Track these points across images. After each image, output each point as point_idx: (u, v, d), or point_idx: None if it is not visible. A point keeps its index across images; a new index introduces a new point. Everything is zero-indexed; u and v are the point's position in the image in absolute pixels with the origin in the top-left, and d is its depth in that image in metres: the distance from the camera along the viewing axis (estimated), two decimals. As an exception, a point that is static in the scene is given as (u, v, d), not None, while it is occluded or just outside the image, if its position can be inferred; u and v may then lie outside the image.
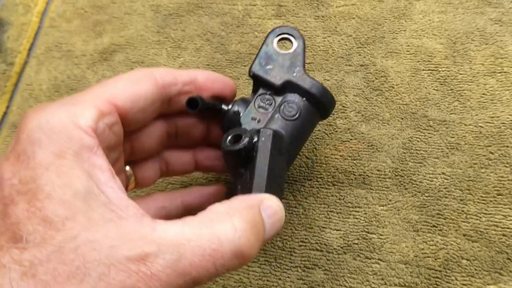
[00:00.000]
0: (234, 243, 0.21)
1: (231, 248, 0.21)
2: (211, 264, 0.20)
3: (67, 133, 0.22)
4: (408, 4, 0.43)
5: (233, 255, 0.21)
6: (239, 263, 0.21)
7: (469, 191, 0.35)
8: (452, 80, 0.39)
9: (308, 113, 0.31)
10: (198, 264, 0.20)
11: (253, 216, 0.23)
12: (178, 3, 0.49)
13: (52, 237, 0.19)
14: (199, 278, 0.20)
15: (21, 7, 0.52)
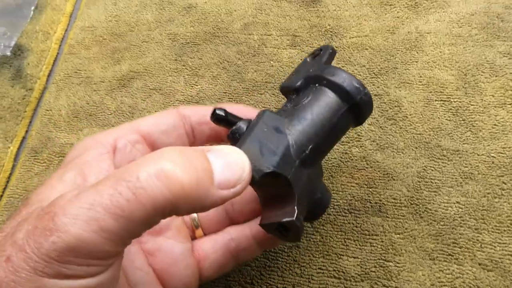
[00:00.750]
0: (153, 165, 0.19)
1: (149, 170, 0.19)
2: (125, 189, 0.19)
3: (85, 145, 0.27)
4: (419, 36, 0.45)
5: (152, 176, 0.19)
6: (166, 188, 0.19)
7: (483, 221, 0.36)
8: (464, 111, 0.40)
9: (325, 99, 0.28)
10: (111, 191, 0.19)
11: (188, 150, 0.21)
12: (195, 32, 0.50)
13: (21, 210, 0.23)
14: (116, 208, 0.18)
15: (40, 34, 0.54)
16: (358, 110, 0.28)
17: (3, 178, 0.45)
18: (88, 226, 0.18)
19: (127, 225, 0.19)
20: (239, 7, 0.51)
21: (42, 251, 0.18)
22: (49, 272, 0.18)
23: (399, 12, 0.47)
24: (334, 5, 0.49)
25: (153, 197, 0.19)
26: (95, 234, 0.18)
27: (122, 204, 0.18)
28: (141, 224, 0.19)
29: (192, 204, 0.20)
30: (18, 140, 0.47)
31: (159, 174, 0.19)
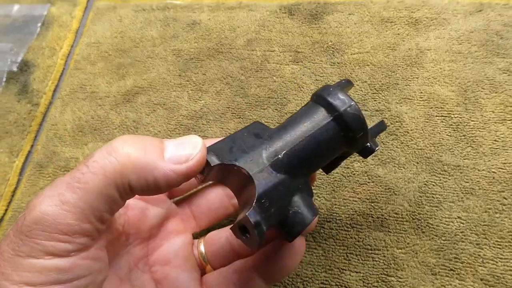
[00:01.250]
0: (107, 144, 0.22)
1: (104, 146, 0.22)
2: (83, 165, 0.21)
3: None
4: (419, 53, 0.46)
5: (103, 151, 0.22)
6: (115, 158, 0.21)
7: (484, 236, 0.36)
8: (464, 127, 0.41)
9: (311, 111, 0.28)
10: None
11: (141, 136, 0.23)
12: (198, 48, 0.51)
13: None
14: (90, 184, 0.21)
15: (47, 50, 0.55)
16: (343, 123, 0.27)
17: (8, 192, 0.45)
18: (51, 201, 0.20)
19: (84, 196, 0.21)
20: (242, 24, 0.52)
21: (16, 229, 0.21)
22: (24, 251, 0.20)
23: (399, 29, 0.48)
24: (336, 22, 0.50)
25: (104, 167, 0.21)
26: (57, 207, 0.20)
27: (78, 178, 0.21)
28: (98, 195, 0.21)
29: (141, 175, 0.21)
30: (24, 155, 0.48)
31: (109, 149, 0.21)
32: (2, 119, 0.50)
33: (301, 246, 0.28)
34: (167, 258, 0.30)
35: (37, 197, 0.21)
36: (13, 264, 0.20)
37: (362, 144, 0.28)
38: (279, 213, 0.25)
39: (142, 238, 0.30)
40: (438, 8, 0.48)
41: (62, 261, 0.21)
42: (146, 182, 0.22)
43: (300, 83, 0.46)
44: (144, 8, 0.56)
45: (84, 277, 0.22)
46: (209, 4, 0.54)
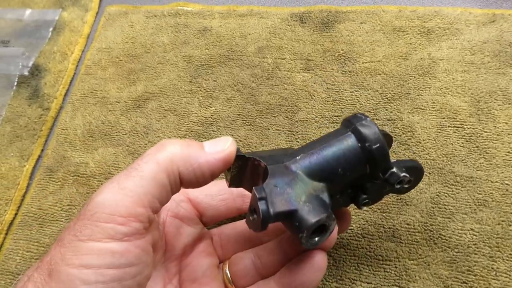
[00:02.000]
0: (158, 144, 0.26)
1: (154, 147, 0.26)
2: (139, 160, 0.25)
3: None
4: (432, 63, 0.45)
5: (155, 148, 0.26)
6: (164, 149, 0.26)
7: (498, 248, 0.35)
8: (477, 138, 0.41)
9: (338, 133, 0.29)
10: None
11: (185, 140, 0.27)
12: (209, 55, 0.51)
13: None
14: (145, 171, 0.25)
15: (58, 55, 0.55)
16: (371, 156, 0.28)
17: (18, 196, 0.45)
18: (110, 188, 0.24)
19: (140, 182, 0.24)
20: (254, 31, 0.52)
21: (78, 218, 0.24)
22: (86, 234, 0.23)
23: (411, 38, 0.48)
24: (347, 31, 0.49)
25: (156, 157, 0.25)
26: (116, 192, 0.24)
27: (135, 168, 0.25)
28: (151, 181, 0.24)
29: (188, 161, 0.26)
30: (34, 159, 0.48)
31: (158, 147, 0.26)
32: (13, 123, 0.50)
33: (323, 261, 0.28)
34: (196, 276, 0.31)
35: (97, 191, 0.25)
36: (73, 249, 0.22)
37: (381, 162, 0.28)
38: (287, 203, 0.26)
39: (176, 255, 0.31)
40: (450, 18, 0.48)
41: (117, 245, 0.23)
42: (192, 169, 0.26)
43: (311, 91, 0.46)
44: (156, 14, 0.56)
45: (133, 266, 0.24)
46: (220, 11, 0.54)
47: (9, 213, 0.44)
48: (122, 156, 0.46)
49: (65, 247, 0.23)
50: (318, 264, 0.28)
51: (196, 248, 0.32)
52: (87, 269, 0.22)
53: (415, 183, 0.31)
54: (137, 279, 0.24)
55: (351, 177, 0.28)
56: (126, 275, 0.23)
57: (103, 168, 0.45)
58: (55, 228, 0.42)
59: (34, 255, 0.41)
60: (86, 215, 0.23)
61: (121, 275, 0.23)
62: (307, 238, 0.26)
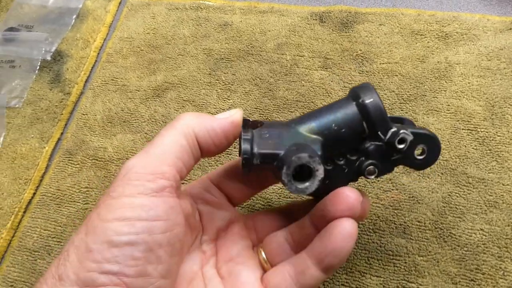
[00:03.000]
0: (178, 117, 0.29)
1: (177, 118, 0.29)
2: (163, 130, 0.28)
3: None
4: (448, 67, 0.46)
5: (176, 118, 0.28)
6: (182, 117, 0.28)
7: (506, 249, 0.36)
8: (490, 141, 0.41)
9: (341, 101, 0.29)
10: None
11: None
12: (229, 49, 0.52)
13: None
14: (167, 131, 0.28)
15: (81, 42, 0.56)
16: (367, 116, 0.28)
17: (37, 176, 0.46)
18: (139, 154, 0.27)
19: (161, 146, 0.27)
20: (273, 28, 0.53)
21: (111, 183, 0.26)
22: (119, 191, 0.25)
23: (429, 42, 0.48)
24: (366, 32, 0.50)
25: (173, 124, 0.28)
26: (143, 155, 0.27)
27: (157, 139, 0.27)
28: (171, 143, 0.27)
29: (203, 125, 0.28)
30: (54, 141, 0.49)
31: (175, 118, 0.29)
32: (34, 106, 0.51)
33: (351, 227, 0.28)
34: (231, 255, 0.31)
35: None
36: (107, 207, 0.25)
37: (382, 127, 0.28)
38: (273, 146, 0.28)
39: (211, 239, 0.32)
40: (468, 23, 0.49)
41: (146, 199, 0.25)
42: (206, 130, 0.28)
43: (328, 89, 0.47)
44: (178, 7, 0.57)
45: (162, 220, 0.25)
46: (241, 7, 0.55)
47: (28, 192, 0.46)
48: (140, 142, 0.47)
49: (100, 207, 0.25)
50: (346, 230, 0.27)
51: (230, 230, 0.33)
52: (120, 221, 0.24)
53: (431, 155, 0.29)
54: (167, 236, 0.25)
55: (347, 135, 0.28)
56: (155, 228, 0.25)
57: (121, 154, 0.46)
58: (72, 208, 0.43)
59: (51, 234, 0.42)
60: (119, 177, 0.26)
61: (150, 227, 0.25)
62: (289, 177, 0.26)
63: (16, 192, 0.46)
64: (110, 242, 0.24)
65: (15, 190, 0.46)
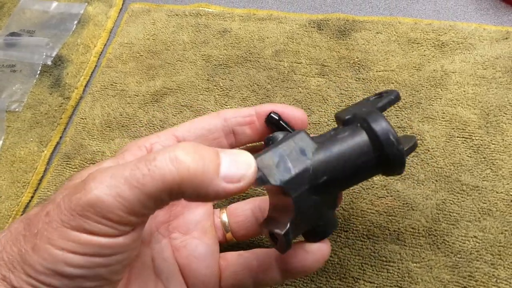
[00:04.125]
0: (170, 151, 0.23)
1: (165, 154, 0.23)
2: (143, 165, 0.22)
3: (127, 147, 0.30)
4: (444, 75, 0.47)
5: (166, 158, 0.22)
6: (175, 168, 0.22)
7: (499, 256, 0.36)
8: (485, 149, 0.42)
9: (361, 149, 0.28)
10: (131, 166, 0.23)
11: (200, 146, 0.24)
12: (228, 55, 0.52)
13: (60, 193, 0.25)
14: (133, 179, 0.22)
15: (81, 47, 0.57)
16: (387, 163, 0.28)
17: (35, 180, 0.47)
18: (108, 190, 0.22)
19: (139, 195, 0.22)
20: (272, 35, 0.53)
21: (70, 206, 0.22)
22: (73, 224, 0.22)
23: (425, 50, 0.49)
24: (363, 40, 0.51)
25: (163, 175, 0.22)
26: (112, 197, 0.22)
27: (138, 177, 0.22)
28: (151, 198, 0.22)
29: (196, 189, 0.23)
30: (52, 145, 0.49)
31: (171, 158, 0.22)
32: (34, 110, 0.52)
33: (326, 250, 0.29)
34: (188, 227, 0.31)
35: (94, 180, 0.23)
36: (60, 233, 0.22)
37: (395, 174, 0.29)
38: (306, 226, 0.29)
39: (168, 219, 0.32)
40: (465, 33, 0.49)
41: (105, 240, 0.23)
42: (197, 194, 0.23)
43: (325, 96, 0.47)
44: (177, 13, 0.58)
45: (121, 253, 0.23)
46: (240, 14, 0.56)
47: (26, 195, 0.46)
48: (138, 147, 0.47)
49: (53, 228, 0.22)
50: (322, 251, 0.29)
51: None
52: (72, 254, 0.22)
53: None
54: (124, 263, 0.24)
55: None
56: (113, 261, 0.23)
57: (119, 158, 0.47)
58: (70, 212, 0.44)
59: (48, 237, 0.42)
60: (77, 209, 0.22)
61: (107, 262, 0.23)
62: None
63: (14, 195, 0.46)
64: (60, 273, 0.22)
65: (13, 193, 0.46)
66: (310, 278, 0.37)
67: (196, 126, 0.31)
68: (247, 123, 0.32)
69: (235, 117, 0.32)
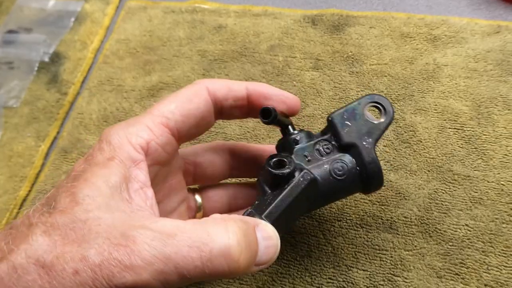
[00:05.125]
0: (223, 241, 0.22)
1: (220, 246, 0.22)
2: (197, 257, 0.22)
3: (121, 146, 0.27)
4: (436, 68, 0.47)
5: (220, 253, 0.22)
6: (227, 266, 0.22)
7: (490, 244, 0.37)
8: (476, 140, 0.42)
9: (353, 181, 0.31)
10: (185, 253, 0.22)
11: (247, 229, 0.24)
12: (223, 50, 0.53)
13: (72, 208, 0.23)
14: (184, 269, 0.22)
15: (78, 44, 0.57)
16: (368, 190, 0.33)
17: (33, 174, 0.47)
18: (157, 276, 0.21)
19: (184, 282, 0.22)
20: (267, 30, 0.54)
21: (114, 282, 0.21)
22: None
23: (418, 44, 0.50)
24: (357, 34, 0.51)
25: (215, 270, 0.22)
26: (160, 283, 0.22)
27: (189, 269, 0.22)
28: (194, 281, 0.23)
29: (234, 275, 0.24)
30: (50, 140, 0.50)
31: (225, 253, 0.22)
32: (31, 106, 0.52)
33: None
34: (166, 214, 0.32)
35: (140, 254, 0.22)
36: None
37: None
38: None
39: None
40: (457, 27, 0.50)
41: None
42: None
43: (319, 89, 0.48)
44: (173, 10, 0.58)
45: None
46: (236, 10, 0.57)
47: (23, 189, 0.46)
48: (134, 141, 0.47)
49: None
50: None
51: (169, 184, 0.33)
52: None
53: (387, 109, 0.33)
54: None
55: None
56: None
57: (116, 151, 0.47)
58: (67, 204, 0.44)
59: (45, 229, 0.43)
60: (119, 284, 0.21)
61: None
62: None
63: (11, 190, 0.46)
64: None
65: (10, 187, 0.47)
66: (304, 267, 0.38)
67: (187, 113, 0.30)
68: (238, 106, 0.32)
69: (227, 99, 0.31)
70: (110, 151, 0.27)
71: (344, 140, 0.31)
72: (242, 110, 0.32)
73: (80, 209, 0.23)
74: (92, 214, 0.23)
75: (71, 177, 0.25)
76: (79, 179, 0.25)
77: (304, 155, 0.31)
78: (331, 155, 0.31)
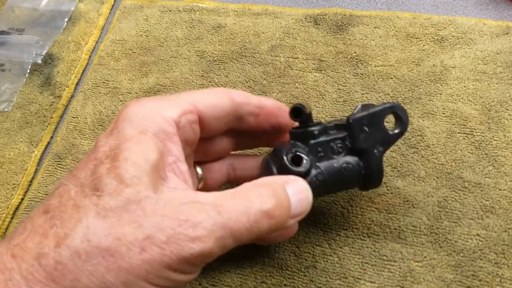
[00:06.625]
0: (260, 204, 0.25)
1: (259, 208, 0.25)
2: (246, 220, 0.25)
3: (152, 118, 0.27)
4: (444, 70, 0.46)
5: (261, 215, 0.25)
6: (267, 224, 0.26)
7: (503, 255, 0.35)
8: (486, 145, 0.41)
9: (355, 181, 0.33)
10: (236, 219, 0.24)
11: (277, 188, 0.27)
12: (222, 51, 0.51)
13: (122, 190, 0.24)
14: (238, 233, 0.25)
15: (72, 45, 0.55)
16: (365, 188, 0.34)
17: (25, 181, 0.45)
18: (219, 242, 0.24)
19: (236, 244, 0.25)
20: (267, 30, 0.52)
21: (183, 254, 0.23)
22: (177, 268, 0.24)
23: (424, 45, 0.48)
24: (361, 34, 0.50)
25: (260, 229, 0.26)
26: (219, 248, 0.24)
27: (242, 232, 0.25)
28: (243, 243, 0.26)
29: (275, 230, 0.27)
30: (43, 145, 0.48)
31: (264, 214, 0.26)
32: (23, 110, 0.50)
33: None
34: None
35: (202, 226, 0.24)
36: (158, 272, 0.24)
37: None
38: None
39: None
40: (464, 27, 0.48)
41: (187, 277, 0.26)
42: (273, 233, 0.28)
43: (322, 91, 0.46)
44: (171, 9, 0.56)
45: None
46: (235, 9, 0.55)
47: (16, 197, 0.45)
48: (131, 146, 0.46)
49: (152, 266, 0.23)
50: None
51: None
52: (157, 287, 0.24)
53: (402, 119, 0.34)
54: None
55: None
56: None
57: (112, 157, 0.45)
58: (61, 213, 0.42)
59: (38, 239, 0.41)
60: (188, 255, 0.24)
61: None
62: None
63: (3, 198, 0.45)
64: None
65: (2, 195, 0.45)
66: (309, 278, 0.36)
67: (216, 105, 0.31)
68: (255, 115, 0.33)
69: (248, 104, 0.32)
70: (140, 123, 0.27)
71: (361, 145, 0.32)
72: (257, 120, 0.33)
73: (130, 190, 0.24)
74: (142, 194, 0.24)
75: (103, 155, 0.25)
76: (118, 158, 0.25)
77: (318, 150, 0.32)
78: (342, 154, 0.32)
